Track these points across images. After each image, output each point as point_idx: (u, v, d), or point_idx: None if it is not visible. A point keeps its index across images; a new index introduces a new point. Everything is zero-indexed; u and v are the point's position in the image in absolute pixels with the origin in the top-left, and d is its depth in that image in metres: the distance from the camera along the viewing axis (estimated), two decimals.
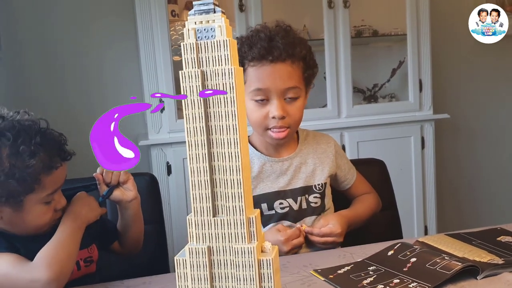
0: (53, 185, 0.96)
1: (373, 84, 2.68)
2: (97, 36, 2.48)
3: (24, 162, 0.89)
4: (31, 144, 0.91)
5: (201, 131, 0.68)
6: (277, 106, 1.14)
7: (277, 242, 1.09)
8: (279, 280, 0.72)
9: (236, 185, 0.68)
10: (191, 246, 0.69)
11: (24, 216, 0.94)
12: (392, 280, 0.88)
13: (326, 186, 1.25)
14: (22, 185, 0.90)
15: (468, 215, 2.97)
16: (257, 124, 1.18)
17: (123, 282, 0.97)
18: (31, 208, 0.94)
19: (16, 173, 0.89)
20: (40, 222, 0.97)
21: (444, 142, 2.87)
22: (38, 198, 0.94)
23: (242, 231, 0.68)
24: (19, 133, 0.91)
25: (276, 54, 1.13)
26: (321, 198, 1.24)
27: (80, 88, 2.47)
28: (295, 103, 1.17)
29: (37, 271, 0.88)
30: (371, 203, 1.31)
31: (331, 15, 2.35)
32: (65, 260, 0.91)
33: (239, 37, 1.20)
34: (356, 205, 1.29)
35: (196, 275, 0.70)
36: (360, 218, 1.26)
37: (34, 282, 0.87)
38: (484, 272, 0.87)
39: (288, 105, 1.16)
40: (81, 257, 1.04)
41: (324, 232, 1.14)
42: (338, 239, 1.15)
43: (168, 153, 2.27)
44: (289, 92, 1.16)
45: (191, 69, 0.66)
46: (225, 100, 0.66)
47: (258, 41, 1.15)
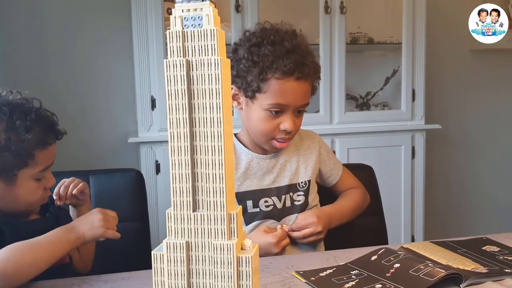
0: (45, 162, 0.98)
1: (366, 92, 2.68)
2: (91, 31, 2.45)
3: (20, 136, 0.92)
4: (27, 119, 0.94)
5: (184, 122, 0.66)
6: (291, 121, 1.14)
7: (268, 244, 1.08)
8: (257, 279, 0.70)
9: (218, 179, 0.67)
10: (169, 240, 0.68)
11: (16, 191, 0.95)
12: (374, 285, 0.86)
13: (311, 183, 1.25)
14: (16, 159, 0.92)
15: (456, 227, 2.98)
16: (265, 133, 1.17)
17: (101, 277, 0.95)
18: (23, 183, 0.95)
19: (11, 147, 0.91)
20: (31, 199, 0.98)
21: (434, 153, 2.87)
22: (31, 174, 0.96)
23: (222, 227, 0.67)
24: (15, 109, 0.94)
25: (305, 72, 1.12)
26: (305, 195, 1.24)
27: (72, 83, 2.44)
28: (301, 116, 1.19)
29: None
30: (356, 197, 1.29)
31: (327, 20, 2.35)
32: (25, 265, 0.85)
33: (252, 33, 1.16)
34: (339, 201, 1.29)
35: (173, 270, 0.68)
36: (343, 213, 1.24)
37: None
38: (467, 280, 0.86)
39: (296, 119, 1.17)
40: None
41: (301, 225, 1.14)
42: (316, 229, 1.14)
43: (157, 151, 2.24)
44: (302, 108, 1.17)
45: (176, 58, 0.64)
46: (210, 92, 0.65)
47: (287, 52, 1.11)
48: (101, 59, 2.48)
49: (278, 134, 1.16)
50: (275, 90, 1.12)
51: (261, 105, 1.14)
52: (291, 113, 1.14)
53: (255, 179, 1.21)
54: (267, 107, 1.13)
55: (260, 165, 1.22)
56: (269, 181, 1.21)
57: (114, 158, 2.46)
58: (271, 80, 1.11)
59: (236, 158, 1.22)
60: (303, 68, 1.12)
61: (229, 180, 0.68)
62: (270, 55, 1.11)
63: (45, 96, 2.79)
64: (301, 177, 1.24)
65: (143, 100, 2.23)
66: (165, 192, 2.25)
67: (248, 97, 1.15)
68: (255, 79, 1.12)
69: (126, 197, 1.38)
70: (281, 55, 1.11)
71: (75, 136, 2.54)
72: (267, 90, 1.12)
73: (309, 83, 1.16)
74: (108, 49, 2.47)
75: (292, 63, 1.10)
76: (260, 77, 1.11)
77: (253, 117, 1.16)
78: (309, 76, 1.14)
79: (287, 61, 1.10)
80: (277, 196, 1.21)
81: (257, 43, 1.13)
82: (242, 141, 1.25)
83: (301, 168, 1.25)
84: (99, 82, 2.49)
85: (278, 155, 1.24)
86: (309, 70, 1.13)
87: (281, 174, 1.23)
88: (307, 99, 1.17)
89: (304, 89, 1.15)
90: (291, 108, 1.14)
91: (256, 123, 1.16)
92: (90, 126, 2.48)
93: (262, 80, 1.11)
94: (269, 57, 1.11)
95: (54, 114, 1.03)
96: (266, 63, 1.10)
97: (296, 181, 1.23)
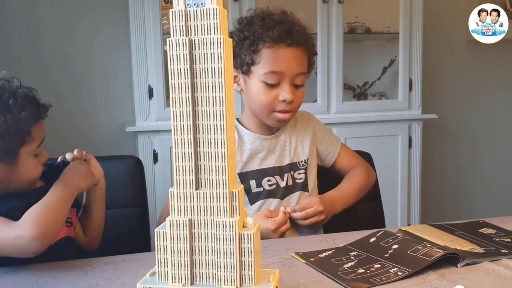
0: (40, 137, 0.99)
1: (363, 82, 2.69)
2: (87, 21, 2.44)
3: (16, 116, 0.93)
4: (17, 98, 0.94)
5: (187, 102, 0.67)
6: (288, 90, 1.15)
7: (267, 230, 1.10)
8: (259, 255, 0.71)
9: (220, 158, 0.67)
10: (172, 218, 0.69)
11: (19, 170, 0.96)
12: (373, 265, 0.88)
13: (309, 162, 1.27)
14: (17, 139, 0.94)
15: (451, 215, 3.00)
16: (265, 105, 1.18)
17: (102, 259, 0.96)
18: (24, 161, 0.96)
19: (11, 128, 0.92)
20: (33, 175, 0.99)
21: (431, 142, 2.89)
22: (30, 150, 0.97)
23: (225, 204, 0.68)
24: (2, 90, 0.94)
25: (295, 38, 1.14)
26: (305, 173, 1.26)
27: (69, 72, 2.44)
28: (301, 89, 1.20)
29: (23, 228, 0.88)
30: (359, 178, 1.30)
31: (324, 9, 2.35)
32: (51, 220, 0.91)
33: (245, 17, 1.20)
34: (342, 184, 1.29)
35: (176, 247, 0.69)
36: (347, 196, 1.25)
37: (19, 238, 0.87)
38: (464, 260, 0.87)
39: (295, 90, 1.18)
40: None
41: (303, 204, 1.16)
42: (318, 208, 1.15)
43: (155, 141, 2.25)
44: (298, 78, 1.18)
45: (179, 37, 0.65)
46: (213, 71, 0.65)
47: (275, 23, 1.15)
48: (98, 49, 2.47)
49: (278, 106, 1.17)
50: (268, 58, 1.14)
51: (257, 77, 1.16)
52: (288, 83, 1.16)
53: (258, 159, 1.23)
54: (263, 77, 1.15)
55: (263, 146, 1.24)
56: (272, 160, 1.23)
57: (112, 148, 2.46)
58: (262, 50, 1.14)
59: (240, 141, 1.23)
60: (292, 35, 1.14)
61: (231, 159, 0.69)
62: (259, 28, 1.15)
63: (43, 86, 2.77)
64: (300, 156, 1.26)
65: (141, 90, 2.23)
66: (163, 182, 2.25)
67: (244, 73, 1.18)
68: (248, 52, 1.15)
69: (126, 183, 1.39)
70: (270, 26, 1.14)
71: (72, 125, 2.55)
72: (260, 60, 1.15)
73: (302, 51, 1.17)
74: (105, 38, 2.47)
75: (281, 30, 1.13)
76: (251, 49, 1.14)
77: (252, 92, 1.18)
78: (300, 42, 1.16)
79: (276, 30, 1.13)
80: (279, 175, 1.23)
81: (247, 22, 1.18)
82: (244, 124, 1.27)
83: (299, 148, 1.27)
84: (96, 71, 2.49)
85: (279, 135, 1.26)
86: (299, 35, 1.15)
87: (282, 154, 1.25)
88: (302, 68, 1.18)
89: (298, 56, 1.16)
90: (286, 76, 1.15)
91: (255, 98, 1.18)
92: (87, 115, 2.48)
93: (254, 52, 1.14)
94: (258, 30, 1.14)
95: (34, 89, 1.03)
96: (256, 35, 1.14)
97: (297, 160, 1.25)
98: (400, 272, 0.84)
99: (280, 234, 1.11)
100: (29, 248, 0.87)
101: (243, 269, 0.67)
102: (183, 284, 0.69)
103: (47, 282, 0.85)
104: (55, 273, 0.89)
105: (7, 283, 0.86)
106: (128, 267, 0.91)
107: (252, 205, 1.21)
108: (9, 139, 0.92)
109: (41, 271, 0.90)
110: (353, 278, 0.82)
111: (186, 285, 0.68)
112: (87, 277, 0.87)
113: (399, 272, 0.83)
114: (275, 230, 1.10)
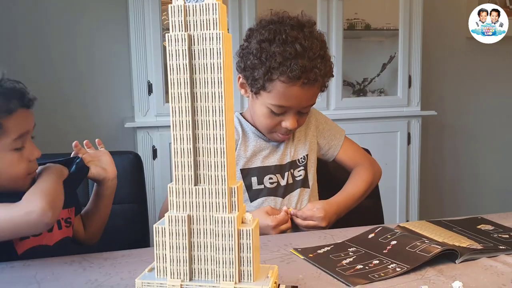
0: (17, 129, 0.94)
1: (363, 78, 2.69)
2: (87, 17, 2.44)
3: None
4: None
5: (186, 97, 0.67)
6: (292, 120, 1.15)
7: (266, 227, 1.10)
8: (258, 251, 0.71)
9: (219, 154, 0.67)
10: (171, 214, 0.69)
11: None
12: (371, 261, 0.88)
13: (308, 157, 1.26)
14: None
15: (450, 212, 3.01)
16: (266, 128, 1.19)
17: (101, 254, 0.96)
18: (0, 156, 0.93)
19: None
20: (14, 172, 0.95)
21: (430, 139, 2.89)
22: (5, 144, 0.93)
23: (224, 200, 0.68)
24: None
25: (312, 78, 1.09)
26: (304, 169, 1.25)
27: (69, 68, 2.43)
28: (305, 115, 1.20)
29: (30, 203, 0.87)
30: (365, 176, 1.27)
31: (324, 6, 2.35)
32: (53, 193, 0.91)
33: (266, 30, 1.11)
34: (346, 187, 1.26)
35: (175, 243, 0.69)
36: (354, 199, 1.23)
37: (29, 213, 0.86)
38: (463, 256, 0.87)
39: (299, 117, 1.18)
40: (62, 217, 1.04)
41: (306, 214, 1.14)
42: (320, 223, 1.14)
43: (154, 136, 2.25)
44: (305, 108, 1.17)
45: (178, 32, 0.65)
46: (212, 67, 0.65)
47: (296, 56, 1.07)
48: (98, 44, 2.47)
49: (280, 130, 1.18)
50: (279, 93, 1.11)
51: (264, 102, 1.14)
52: (294, 113, 1.15)
53: (261, 156, 1.23)
54: (270, 106, 1.14)
55: (267, 144, 1.24)
56: (274, 159, 1.24)
57: (111, 143, 2.44)
58: (276, 82, 1.10)
59: (245, 137, 1.23)
60: (309, 74, 1.08)
61: (230, 154, 0.68)
62: (278, 56, 1.07)
63: (43, 81, 2.76)
64: (300, 153, 1.26)
65: (140, 85, 2.23)
66: (162, 177, 2.25)
67: (253, 92, 1.16)
68: (261, 77, 1.10)
69: (125, 179, 1.38)
70: (289, 58, 1.07)
71: (71, 121, 2.54)
72: (271, 90, 1.11)
73: (317, 87, 1.14)
74: (105, 34, 2.46)
75: (298, 69, 1.06)
76: (265, 77, 1.10)
77: (257, 111, 1.18)
78: (316, 81, 1.11)
79: (294, 66, 1.06)
80: (280, 173, 1.23)
81: (268, 39, 1.09)
82: (249, 119, 1.26)
83: (299, 144, 1.27)
84: (96, 67, 2.48)
85: None
86: (317, 75, 1.09)
87: (284, 152, 1.25)
88: (312, 101, 1.16)
89: (310, 93, 1.13)
90: (293, 109, 1.14)
91: (259, 118, 1.18)
92: (87, 111, 2.48)
93: (268, 80, 1.10)
94: (277, 58, 1.07)
95: (19, 81, 0.99)
96: (273, 64, 1.08)
97: (296, 158, 1.26)
98: (398, 268, 0.84)
99: (279, 231, 1.11)
100: (42, 220, 0.86)
101: (242, 265, 0.68)
102: (181, 279, 0.69)
103: (45, 278, 0.85)
104: (53, 268, 0.89)
105: (6, 278, 0.86)
106: (127, 263, 0.91)
107: (252, 202, 1.21)
108: None
109: (39, 266, 0.90)
110: (351, 274, 0.82)
111: (185, 280, 0.69)
112: (86, 273, 0.87)
113: (397, 268, 0.84)
114: (275, 227, 1.10)
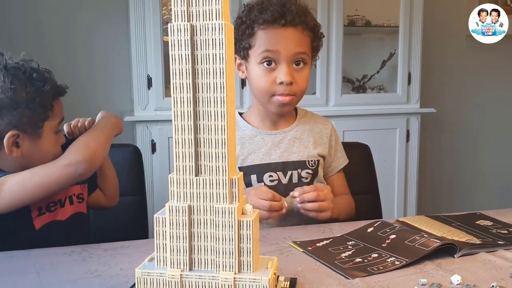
0: (60, 114, 1.03)
1: (362, 75, 2.69)
2: (87, 10, 2.43)
3: (39, 88, 0.97)
4: (39, 73, 0.99)
5: (188, 87, 0.66)
6: (285, 72, 1.13)
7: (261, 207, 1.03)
8: (258, 242, 0.71)
9: (220, 144, 0.67)
10: (172, 204, 0.69)
11: (42, 145, 1.00)
12: (370, 254, 0.88)
13: (319, 164, 1.24)
14: (41, 110, 0.97)
15: (448, 208, 3.01)
16: (264, 90, 1.16)
17: (101, 245, 0.96)
18: (46, 136, 1.00)
19: (36, 98, 0.96)
20: (54, 152, 1.02)
21: (428, 136, 2.90)
22: (52, 126, 1.01)
23: (224, 191, 0.68)
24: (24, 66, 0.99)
25: (289, 18, 1.12)
26: (312, 174, 1.22)
27: (68, 61, 2.43)
28: (302, 71, 1.17)
29: (68, 156, 0.95)
30: (349, 202, 1.27)
31: (325, 2, 2.35)
32: (93, 147, 0.99)
33: (247, 4, 1.19)
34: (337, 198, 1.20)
35: (175, 233, 0.69)
36: (340, 208, 1.19)
37: (66, 166, 0.94)
38: (461, 251, 0.88)
39: (296, 72, 1.15)
40: (74, 193, 1.09)
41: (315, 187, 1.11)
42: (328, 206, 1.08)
43: (153, 130, 2.25)
44: (298, 58, 1.15)
45: (180, 23, 0.65)
46: (214, 57, 0.65)
47: (270, 5, 1.14)
48: (98, 38, 2.46)
49: (278, 89, 1.15)
50: (262, 40, 1.14)
51: (255, 60, 1.15)
52: (286, 64, 1.13)
53: (260, 153, 1.21)
54: (259, 59, 1.14)
55: (264, 140, 1.22)
56: (276, 155, 1.21)
57: None
58: (257, 33, 1.14)
59: (241, 135, 1.22)
60: (286, 14, 1.12)
61: (231, 145, 0.68)
62: (256, 12, 1.14)
63: None
64: (311, 155, 1.22)
65: (139, 79, 2.22)
66: (160, 171, 2.25)
67: (243, 58, 1.18)
68: (245, 37, 1.15)
69: (124, 171, 1.39)
70: (265, 8, 1.13)
71: (71, 114, 2.53)
72: (255, 43, 1.15)
73: (300, 31, 1.14)
74: (105, 28, 2.46)
75: (274, 11, 1.12)
76: (247, 33, 1.14)
77: (252, 77, 1.17)
78: (296, 22, 1.13)
79: (269, 10, 1.12)
80: (282, 171, 1.20)
81: (248, 9, 1.17)
82: (248, 120, 1.26)
83: (311, 148, 1.23)
84: (96, 61, 2.48)
85: (287, 131, 1.24)
86: (294, 15, 1.12)
87: (289, 150, 1.22)
88: (301, 48, 1.15)
89: (295, 36, 1.14)
90: (283, 56, 1.13)
91: (255, 83, 1.17)
92: (86, 104, 2.46)
93: (250, 35, 1.15)
94: (254, 13, 1.14)
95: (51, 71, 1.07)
96: (252, 18, 1.14)
97: (306, 158, 1.21)
98: (397, 261, 0.84)
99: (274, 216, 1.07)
100: (76, 171, 0.94)
101: (242, 256, 0.68)
102: (181, 269, 0.69)
103: (44, 268, 0.85)
104: (53, 258, 0.89)
105: (5, 268, 0.86)
106: (126, 254, 0.91)
107: None
108: (33, 111, 0.95)
109: (39, 256, 0.90)
110: (350, 267, 0.82)
111: (185, 270, 0.69)
112: (85, 263, 0.87)
113: (396, 262, 0.84)
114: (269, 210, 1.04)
